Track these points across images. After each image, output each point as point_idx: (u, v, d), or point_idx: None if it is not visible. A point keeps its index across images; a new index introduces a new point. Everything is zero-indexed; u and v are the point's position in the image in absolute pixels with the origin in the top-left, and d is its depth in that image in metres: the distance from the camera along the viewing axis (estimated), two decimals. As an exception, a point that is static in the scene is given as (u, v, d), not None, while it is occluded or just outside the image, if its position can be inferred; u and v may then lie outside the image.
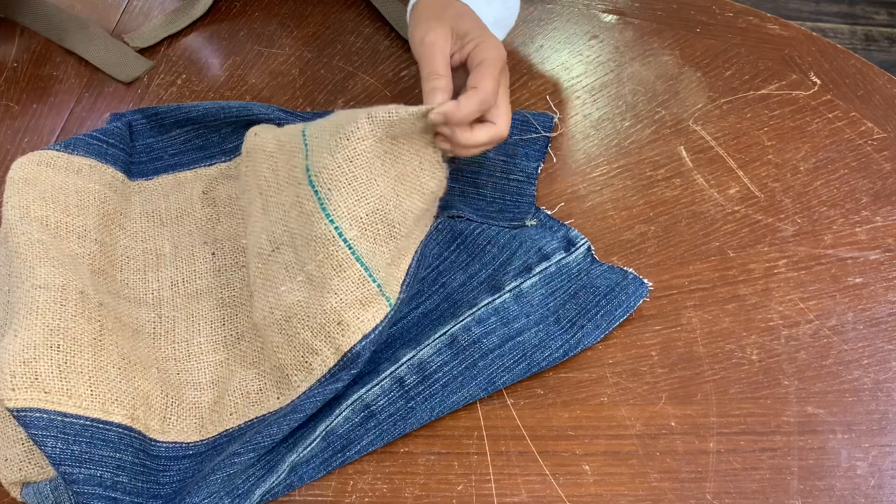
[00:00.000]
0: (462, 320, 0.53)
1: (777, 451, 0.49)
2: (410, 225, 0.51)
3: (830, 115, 0.65)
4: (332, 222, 0.48)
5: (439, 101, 0.50)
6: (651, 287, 0.55)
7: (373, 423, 0.50)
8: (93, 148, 0.58)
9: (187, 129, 0.63)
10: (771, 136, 0.64)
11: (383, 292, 0.49)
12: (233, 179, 0.61)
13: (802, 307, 0.55)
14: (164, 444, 0.49)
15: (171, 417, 0.50)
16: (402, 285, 0.51)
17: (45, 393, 0.44)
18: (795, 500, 0.48)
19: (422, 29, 0.54)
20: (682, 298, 0.56)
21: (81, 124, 0.67)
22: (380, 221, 0.49)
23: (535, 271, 0.55)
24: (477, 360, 0.51)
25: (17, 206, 0.52)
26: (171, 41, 0.73)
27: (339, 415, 0.50)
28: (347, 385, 0.50)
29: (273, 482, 0.48)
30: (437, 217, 0.57)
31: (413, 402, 0.50)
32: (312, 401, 0.48)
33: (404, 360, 0.51)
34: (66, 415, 0.44)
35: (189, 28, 0.74)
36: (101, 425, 0.46)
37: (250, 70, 0.71)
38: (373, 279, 0.49)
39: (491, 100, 0.50)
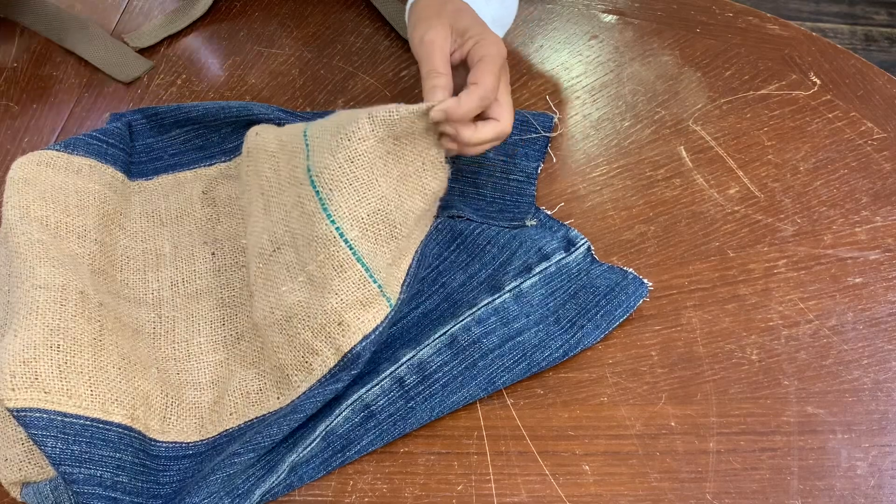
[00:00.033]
0: (462, 320, 0.53)
1: (777, 451, 0.49)
2: (411, 225, 0.51)
3: (830, 115, 0.65)
4: (333, 223, 0.48)
5: (439, 98, 0.50)
6: (651, 287, 0.55)
7: (373, 423, 0.50)
8: (93, 148, 0.58)
9: (187, 129, 0.63)
10: (771, 136, 0.64)
11: (384, 293, 0.49)
12: (233, 179, 0.61)
13: (802, 307, 0.55)
14: (164, 444, 0.49)
15: (171, 417, 0.50)
16: (403, 286, 0.51)
17: (45, 393, 0.44)
18: (795, 500, 0.48)
19: (421, 28, 0.54)
20: (682, 298, 0.56)
21: (81, 124, 0.67)
22: (381, 222, 0.49)
23: (535, 271, 0.55)
24: (477, 360, 0.51)
25: (17, 206, 0.52)
26: (171, 41, 0.73)
27: (339, 415, 0.50)
28: (347, 385, 0.50)
29: (273, 482, 0.48)
30: (437, 217, 0.57)
31: (413, 402, 0.50)
32: (312, 401, 0.48)
33: (404, 360, 0.51)
34: (66, 415, 0.44)
35: (189, 28, 0.74)
36: (101, 425, 0.46)
37: (250, 70, 0.71)
38: (373, 280, 0.49)
39: (491, 95, 0.50)
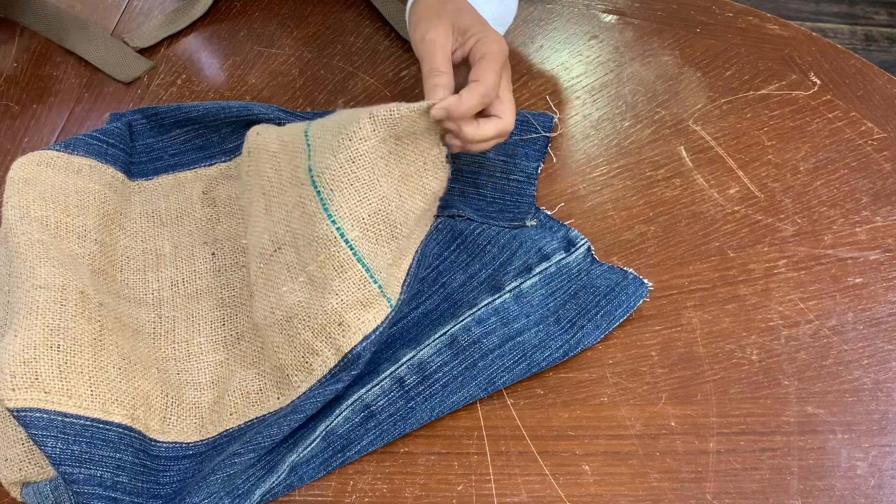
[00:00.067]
0: (462, 320, 0.53)
1: (777, 451, 0.49)
2: (412, 225, 0.51)
3: (830, 115, 0.65)
4: (333, 223, 0.48)
5: (440, 97, 0.50)
6: (651, 287, 0.55)
7: (373, 423, 0.50)
8: (93, 148, 0.58)
9: (187, 129, 0.63)
10: (771, 136, 0.64)
11: (384, 293, 0.49)
12: (233, 179, 0.61)
13: (802, 307, 0.55)
14: (164, 444, 0.49)
15: (171, 417, 0.50)
16: (403, 286, 0.51)
17: (46, 393, 0.44)
18: (795, 500, 0.48)
19: (422, 27, 0.54)
20: (682, 298, 0.56)
21: (81, 124, 0.67)
22: (382, 222, 0.49)
23: (536, 271, 0.55)
24: (477, 361, 0.51)
25: (17, 206, 0.52)
26: (171, 41, 0.73)
27: (339, 415, 0.50)
28: (348, 385, 0.50)
29: (273, 482, 0.48)
30: (437, 216, 0.57)
31: (413, 402, 0.50)
32: (312, 401, 0.48)
33: (404, 361, 0.51)
34: (66, 415, 0.44)
35: (189, 28, 0.74)
36: (101, 425, 0.46)
37: (250, 70, 0.71)
38: (374, 280, 0.49)
39: (492, 92, 0.50)
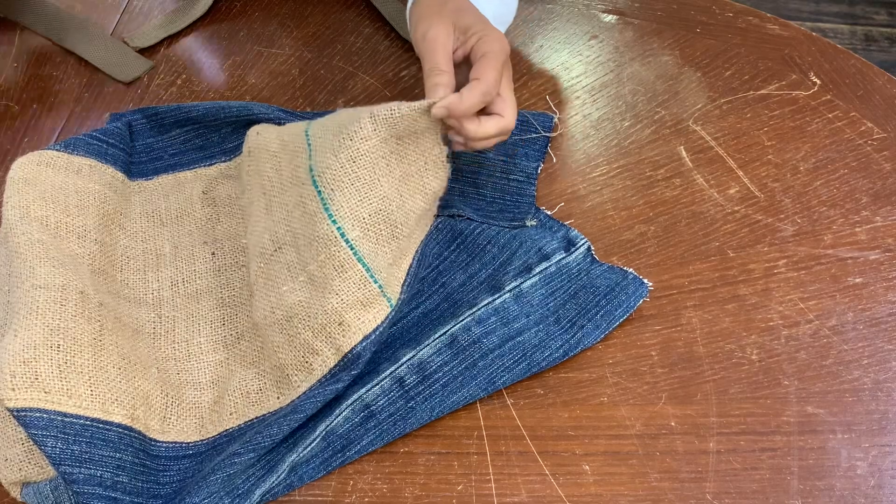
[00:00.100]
0: (462, 320, 0.53)
1: (777, 451, 0.49)
2: (412, 225, 0.51)
3: (830, 115, 0.65)
4: (334, 223, 0.48)
5: (441, 95, 0.50)
6: (651, 287, 0.55)
7: (373, 423, 0.50)
8: (93, 148, 0.58)
9: (187, 129, 0.63)
10: (771, 136, 0.64)
11: (384, 293, 0.49)
12: (233, 179, 0.61)
13: (802, 307, 0.55)
14: (164, 444, 0.49)
15: (171, 417, 0.50)
16: (403, 286, 0.51)
17: (45, 393, 0.44)
18: (795, 500, 0.48)
19: (423, 25, 0.53)
20: (682, 298, 0.56)
21: (81, 124, 0.67)
22: (382, 222, 0.49)
23: (535, 271, 0.55)
24: (477, 360, 0.51)
25: (17, 206, 0.52)
26: (171, 41, 0.73)
27: (339, 415, 0.50)
28: (347, 385, 0.50)
29: (273, 482, 0.48)
30: (437, 216, 0.57)
31: (413, 402, 0.50)
32: (312, 401, 0.48)
33: (404, 360, 0.51)
34: (66, 415, 0.44)
35: (189, 28, 0.74)
36: (101, 425, 0.46)
37: (250, 70, 0.71)
38: (374, 280, 0.48)
39: (493, 91, 0.50)
